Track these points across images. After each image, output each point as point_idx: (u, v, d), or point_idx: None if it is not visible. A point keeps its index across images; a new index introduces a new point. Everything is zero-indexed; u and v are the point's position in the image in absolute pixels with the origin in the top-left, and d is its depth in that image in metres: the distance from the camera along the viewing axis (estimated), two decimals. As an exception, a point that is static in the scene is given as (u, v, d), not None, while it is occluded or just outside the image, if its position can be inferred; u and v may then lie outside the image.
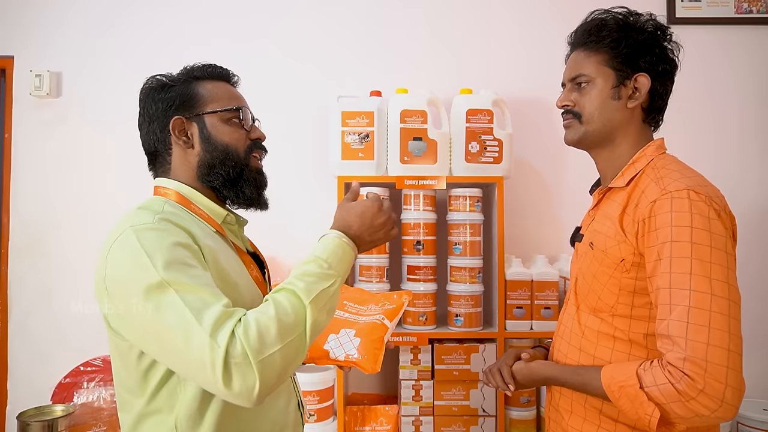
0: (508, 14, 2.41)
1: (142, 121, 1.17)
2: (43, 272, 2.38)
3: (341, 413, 2.02)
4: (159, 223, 0.97)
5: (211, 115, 1.12)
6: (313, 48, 2.41)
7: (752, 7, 2.38)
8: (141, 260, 0.91)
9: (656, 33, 1.17)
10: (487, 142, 2.06)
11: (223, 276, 1.01)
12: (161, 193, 1.11)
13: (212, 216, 1.11)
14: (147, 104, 1.16)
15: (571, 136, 1.23)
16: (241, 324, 0.88)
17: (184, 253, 0.94)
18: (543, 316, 2.05)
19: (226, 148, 1.11)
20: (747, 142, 2.39)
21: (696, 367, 0.94)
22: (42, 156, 2.40)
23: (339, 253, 1.03)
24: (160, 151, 1.14)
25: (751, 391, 2.29)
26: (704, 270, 0.97)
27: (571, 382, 1.14)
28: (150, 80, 1.18)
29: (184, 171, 1.12)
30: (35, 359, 2.36)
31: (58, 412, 1.85)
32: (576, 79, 1.20)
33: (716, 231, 1.00)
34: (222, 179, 1.10)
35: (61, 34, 2.41)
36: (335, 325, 1.37)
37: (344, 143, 2.07)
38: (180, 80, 1.15)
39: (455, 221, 2.08)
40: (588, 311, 1.18)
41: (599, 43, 1.17)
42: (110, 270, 0.95)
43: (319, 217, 2.33)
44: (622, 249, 1.10)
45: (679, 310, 0.97)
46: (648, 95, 1.17)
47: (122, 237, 0.95)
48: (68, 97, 2.41)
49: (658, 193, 1.05)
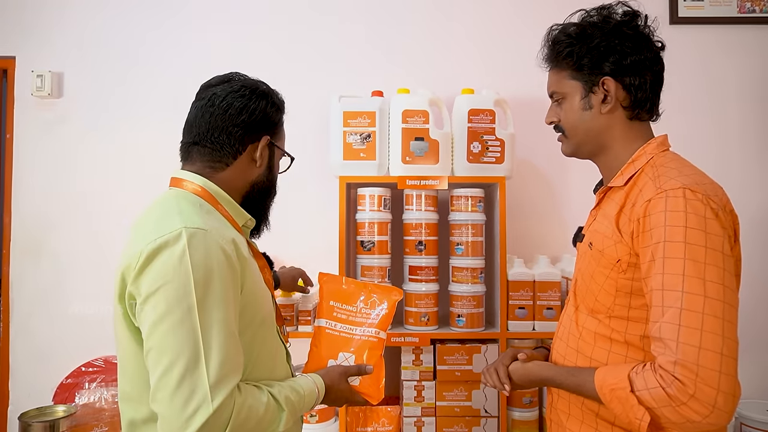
0: (511, 13, 2.41)
1: (231, 114, 1.12)
2: (45, 272, 2.38)
3: (343, 414, 2.02)
4: (213, 235, 1.00)
5: (279, 151, 1.23)
6: (314, 48, 2.41)
7: (755, 7, 2.37)
8: (186, 273, 0.95)
9: (613, 29, 1.14)
10: (489, 142, 2.05)
11: (251, 294, 1.07)
12: (188, 188, 1.11)
13: (235, 217, 1.14)
14: (246, 102, 1.14)
15: (565, 150, 1.25)
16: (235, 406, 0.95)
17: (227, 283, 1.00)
18: (545, 316, 2.04)
19: (275, 183, 1.25)
20: (748, 141, 2.38)
21: (687, 372, 0.91)
22: (43, 156, 2.40)
23: (309, 405, 1.17)
24: (225, 147, 1.13)
25: (754, 392, 2.29)
26: (698, 271, 0.95)
27: (566, 383, 1.13)
28: (257, 81, 1.20)
29: (235, 180, 1.15)
30: (37, 360, 2.36)
31: (59, 413, 1.85)
32: (553, 96, 1.24)
33: (712, 231, 0.97)
34: (259, 204, 1.20)
35: (62, 34, 2.41)
36: (331, 346, 1.37)
37: (346, 143, 2.06)
38: (279, 102, 1.21)
39: (457, 221, 2.08)
40: (586, 312, 1.17)
41: (559, 59, 1.19)
42: (155, 271, 0.96)
43: (321, 216, 2.33)
44: (619, 249, 1.08)
45: (671, 312, 0.95)
46: (625, 92, 1.14)
47: (175, 236, 0.97)
48: (70, 98, 2.41)
49: (653, 191, 1.03)
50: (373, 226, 2.07)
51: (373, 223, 2.07)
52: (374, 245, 2.06)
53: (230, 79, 1.18)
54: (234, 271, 1.00)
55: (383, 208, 2.09)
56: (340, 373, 1.28)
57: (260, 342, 1.10)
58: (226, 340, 0.95)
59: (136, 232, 1.03)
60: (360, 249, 2.08)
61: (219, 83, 1.16)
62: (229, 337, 0.96)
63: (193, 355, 0.92)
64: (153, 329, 0.94)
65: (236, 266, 1.01)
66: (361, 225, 2.09)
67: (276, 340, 1.18)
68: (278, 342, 1.19)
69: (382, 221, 2.08)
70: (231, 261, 1.00)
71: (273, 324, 1.17)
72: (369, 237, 2.07)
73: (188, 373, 0.91)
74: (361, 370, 1.31)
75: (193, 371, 0.91)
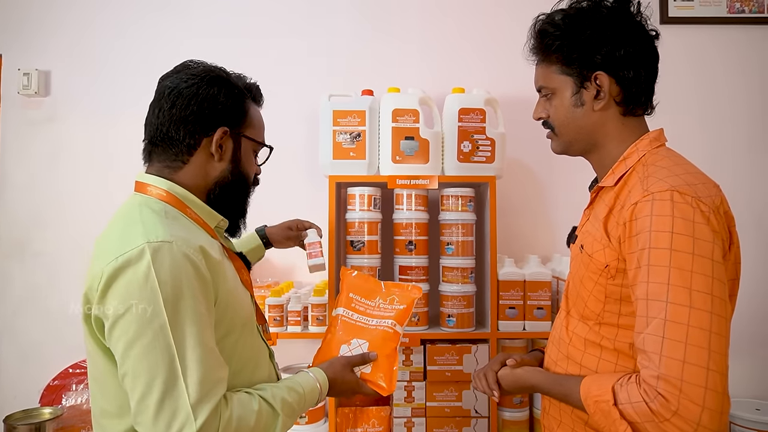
0: (501, 12, 2.40)
1: (178, 105, 1.05)
2: (31, 272, 2.35)
3: (333, 415, 2.01)
4: (178, 245, 0.94)
5: (248, 141, 1.13)
6: (304, 46, 2.39)
7: (744, 7, 2.38)
8: (153, 291, 0.90)
9: (605, 19, 1.07)
10: (479, 141, 2.05)
11: (228, 299, 1.03)
12: (153, 193, 1.05)
13: (207, 220, 1.09)
14: (195, 91, 1.05)
15: (555, 147, 1.20)
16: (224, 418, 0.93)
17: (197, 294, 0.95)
18: (536, 316, 2.04)
19: (246, 177, 1.14)
20: (739, 141, 2.39)
21: (670, 387, 0.87)
22: (30, 155, 2.37)
23: (312, 402, 1.15)
24: (177, 145, 1.06)
25: (745, 390, 2.30)
26: (684, 280, 0.89)
27: (554, 391, 1.10)
28: (212, 67, 1.10)
29: (195, 179, 1.08)
30: (23, 361, 2.33)
31: (45, 415, 1.83)
32: (541, 91, 1.17)
33: (701, 236, 0.91)
34: (227, 202, 1.12)
35: (49, 32, 2.39)
36: (346, 333, 1.34)
37: (335, 142, 2.05)
38: (242, 88, 1.12)
39: (447, 221, 2.07)
40: (577, 318, 1.13)
41: (548, 53, 1.12)
42: (120, 293, 0.92)
43: (311, 216, 2.30)
44: (607, 254, 1.03)
45: (656, 323, 0.90)
46: (618, 87, 1.08)
47: (138, 254, 0.91)
48: (57, 96, 2.38)
49: (640, 194, 0.97)
50: (363, 225, 2.06)
51: (363, 223, 2.06)
52: (364, 245, 2.05)
53: (183, 68, 1.09)
54: (204, 281, 0.95)
55: (373, 207, 2.08)
56: (344, 363, 1.24)
57: (242, 345, 1.08)
58: (203, 356, 0.91)
59: (99, 248, 0.99)
60: (350, 249, 2.07)
61: (171, 74, 1.08)
62: (206, 352, 0.92)
63: (170, 375, 0.88)
64: (126, 353, 0.90)
65: (206, 275, 0.96)
66: (351, 225, 2.07)
67: (258, 340, 1.15)
68: (260, 342, 1.17)
69: (372, 221, 2.07)
70: (200, 271, 0.95)
71: (254, 325, 1.14)
72: (359, 237, 2.06)
73: (167, 394, 0.88)
74: (366, 358, 1.27)
75: (172, 392, 0.88)
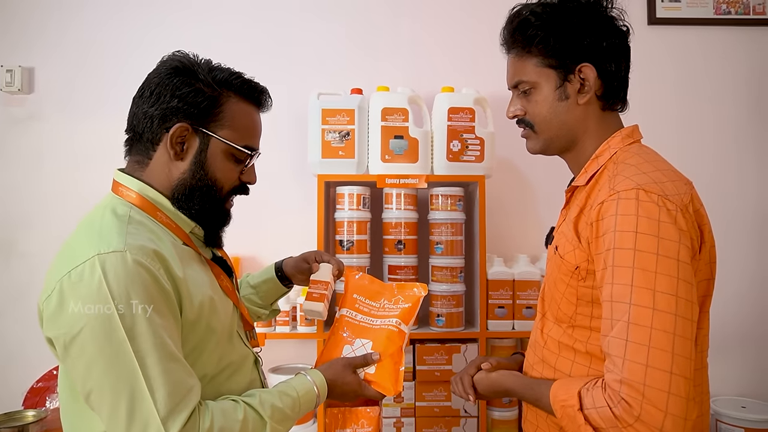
0: (490, 12, 2.40)
1: (145, 96, 1.00)
2: (16, 272, 2.31)
3: (321, 415, 2.00)
4: (131, 253, 0.88)
5: (219, 142, 1.01)
6: (293, 44, 2.38)
7: (731, 9, 2.40)
8: (107, 305, 0.85)
9: (586, 9, 1.04)
10: (468, 140, 2.04)
11: (201, 307, 0.97)
12: (123, 194, 1.00)
13: (180, 225, 1.02)
14: (158, 81, 0.99)
15: (532, 146, 1.14)
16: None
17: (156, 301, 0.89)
18: (525, 315, 2.04)
19: (213, 183, 1.02)
20: (725, 141, 2.41)
21: (633, 392, 0.84)
22: (14, 154, 2.33)
23: (309, 406, 1.10)
24: (141, 138, 1.00)
25: (730, 389, 2.32)
26: (647, 281, 0.87)
27: (526, 396, 1.07)
28: (182, 58, 1.02)
29: (159, 178, 1.00)
30: (7, 362, 2.29)
31: (29, 418, 1.80)
32: (518, 87, 1.11)
33: (666, 236, 0.88)
34: (194, 208, 1.02)
35: (33, 29, 2.35)
36: (350, 332, 1.31)
37: (324, 141, 2.04)
38: (211, 81, 1.01)
39: (437, 220, 2.07)
40: (552, 320, 1.11)
41: (529, 45, 1.07)
42: (72, 310, 0.86)
43: (299, 215, 2.30)
44: (577, 255, 1.01)
45: (619, 326, 0.88)
46: (600, 81, 1.05)
47: (88, 268, 0.86)
48: (41, 94, 2.35)
49: (606, 193, 0.95)
50: (352, 225, 2.05)
51: (352, 222, 2.05)
52: (353, 245, 2.04)
53: (165, 59, 1.03)
54: (161, 287, 0.89)
55: (362, 207, 2.07)
56: (344, 364, 1.19)
57: (220, 354, 1.02)
58: (169, 366, 0.86)
59: (58, 256, 0.95)
60: (339, 248, 2.06)
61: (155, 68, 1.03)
62: (171, 362, 0.87)
63: (135, 390, 0.84)
64: (87, 372, 0.86)
65: (164, 281, 0.90)
66: (340, 224, 2.06)
67: (240, 347, 1.10)
68: (243, 348, 1.11)
69: (361, 220, 2.06)
70: (156, 277, 0.89)
71: (234, 332, 1.08)
72: (348, 236, 2.05)
73: (135, 410, 0.84)
74: (367, 359, 1.21)
75: (140, 407, 0.84)
